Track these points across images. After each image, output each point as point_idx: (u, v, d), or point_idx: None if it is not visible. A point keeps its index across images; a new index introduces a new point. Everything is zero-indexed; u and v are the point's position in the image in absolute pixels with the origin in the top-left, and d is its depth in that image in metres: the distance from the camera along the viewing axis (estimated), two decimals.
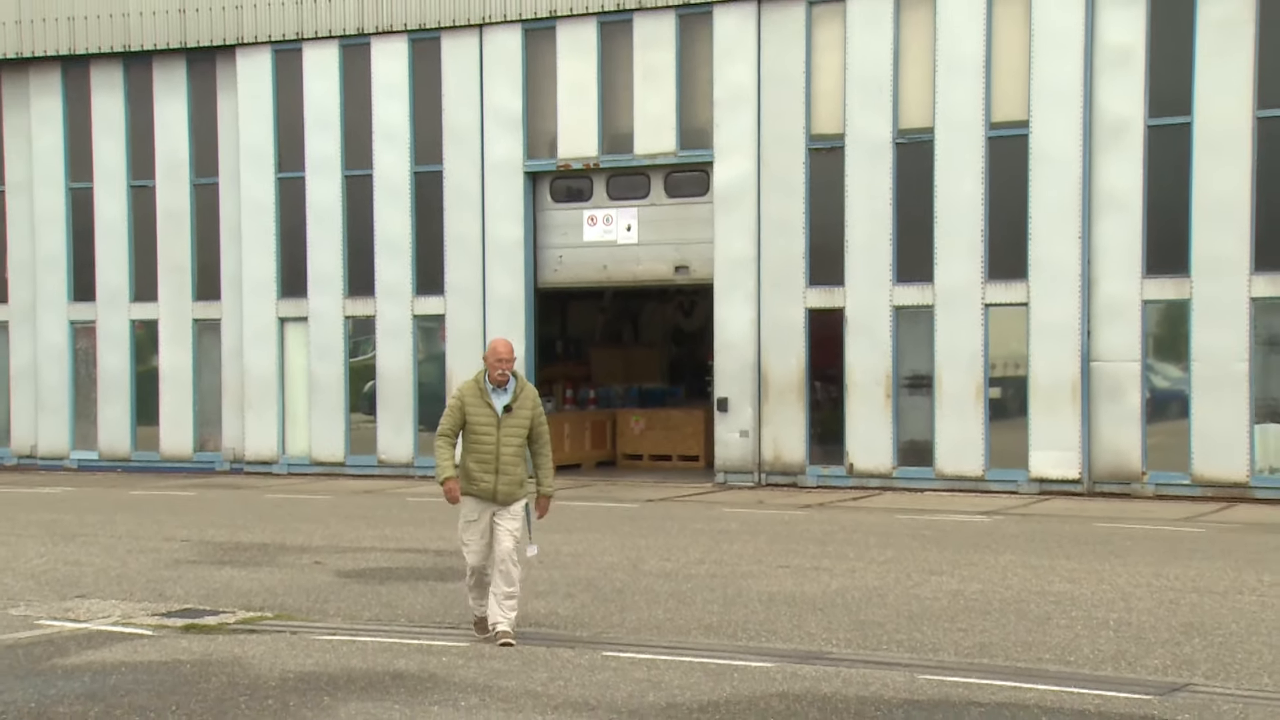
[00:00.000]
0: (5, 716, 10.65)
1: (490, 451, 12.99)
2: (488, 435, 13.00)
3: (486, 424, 13.01)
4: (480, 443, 13.03)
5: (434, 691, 11.26)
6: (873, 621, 14.35)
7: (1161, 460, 26.97)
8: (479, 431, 13.03)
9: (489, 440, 13.00)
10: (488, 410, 13.05)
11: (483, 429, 13.01)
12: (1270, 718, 10.45)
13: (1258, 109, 26.18)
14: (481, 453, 13.02)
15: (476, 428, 13.04)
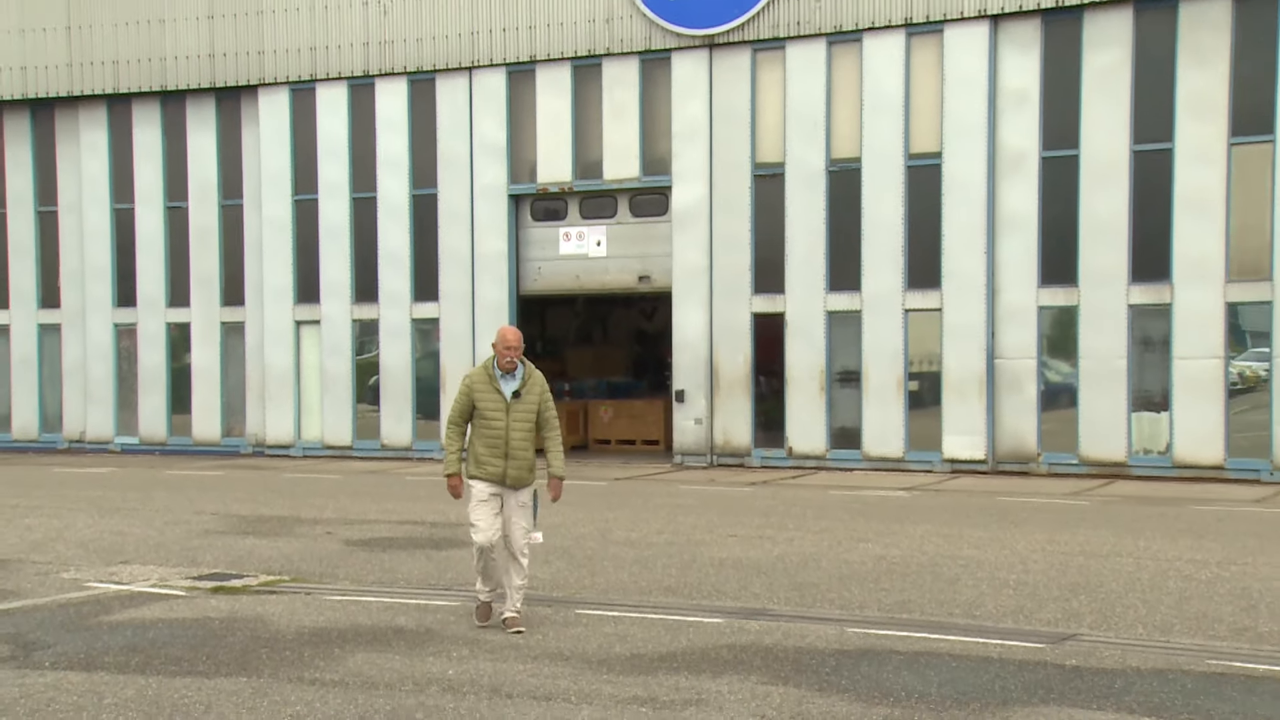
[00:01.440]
0: (59, 665, 10.74)
1: (499, 436, 11.93)
2: (497, 420, 11.92)
3: (496, 409, 11.94)
4: (490, 427, 11.95)
5: (430, 644, 11.38)
6: (808, 583, 14.46)
7: (1054, 443, 27.12)
8: (488, 417, 11.94)
9: (498, 425, 11.92)
10: (496, 396, 11.97)
11: (492, 414, 11.93)
12: (1144, 661, 10.64)
13: (1134, 143, 26.29)
14: (491, 437, 11.95)
15: (486, 413, 11.96)
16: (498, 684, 9.94)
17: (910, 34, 27.75)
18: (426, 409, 32.26)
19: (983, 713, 9.07)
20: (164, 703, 9.49)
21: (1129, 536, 18.11)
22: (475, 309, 31.64)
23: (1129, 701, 9.39)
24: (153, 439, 35.19)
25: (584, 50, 30.31)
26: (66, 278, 35.94)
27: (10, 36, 35.26)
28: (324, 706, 9.30)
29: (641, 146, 30.23)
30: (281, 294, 33.64)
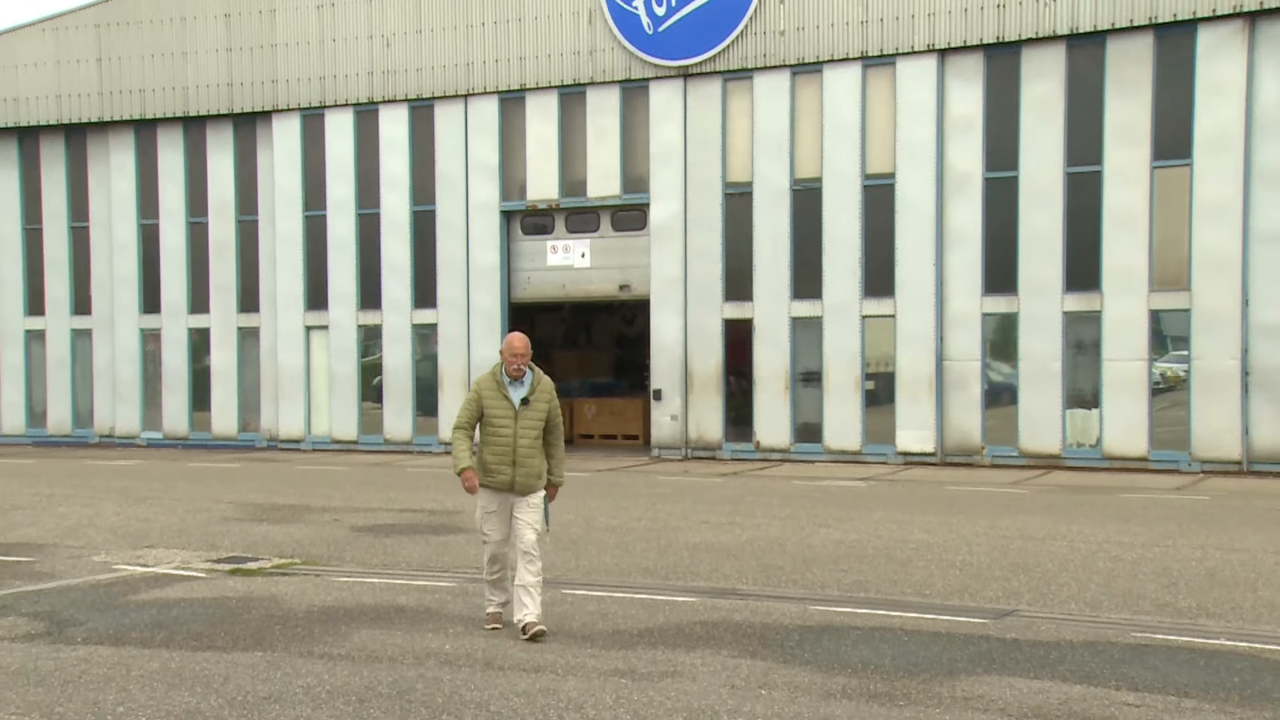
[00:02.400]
0: (90, 640, 10.74)
1: (508, 443, 10.77)
2: (505, 427, 10.79)
3: (504, 416, 10.81)
4: (498, 434, 10.81)
5: (429, 622, 11.39)
6: (774, 565, 14.49)
7: (996, 437, 27.19)
8: (496, 424, 10.83)
9: (506, 432, 10.78)
10: (505, 403, 10.84)
11: (500, 421, 10.80)
12: (1076, 634, 10.71)
13: (1067, 166, 26.40)
14: (499, 445, 10.79)
15: (494, 420, 10.84)
16: (490, 657, 9.96)
17: (866, 66, 27.82)
18: (425, 406, 32.29)
19: (931, 682, 9.11)
20: (186, 675, 9.49)
21: (1063, 522, 18.20)
22: (470, 315, 31.65)
23: (1063, 670, 9.44)
24: (175, 434, 35.11)
25: (569, 79, 30.35)
26: (97, 287, 35.88)
27: (46, 68, 35.26)
28: (332, 678, 9.31)
29: (622, 167, 30.25)
30: (293, 301, 33.60)
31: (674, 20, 29.11)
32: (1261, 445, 25.29)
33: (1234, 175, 25.28)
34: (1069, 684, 9.08)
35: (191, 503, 21.32)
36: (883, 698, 8.73)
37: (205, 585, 13.42)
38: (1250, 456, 25.32)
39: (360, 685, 9.09)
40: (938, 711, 8.34)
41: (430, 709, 8.45)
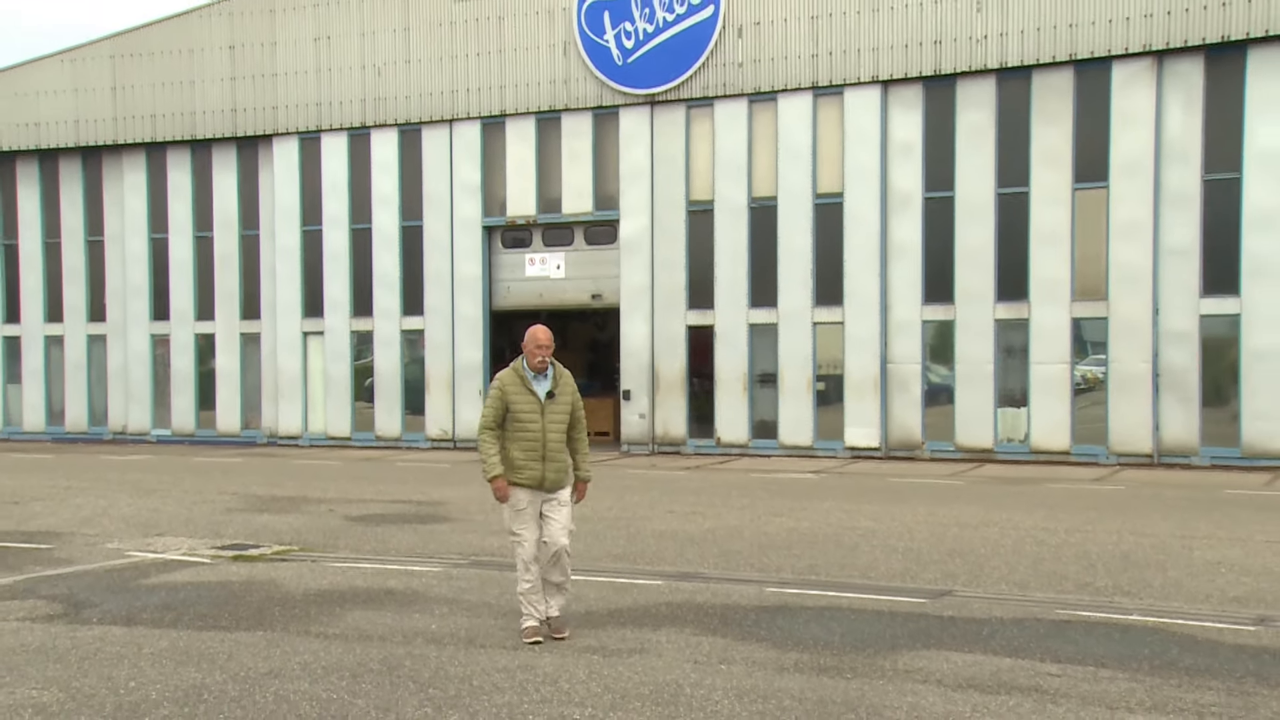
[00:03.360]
0: (105, 621, 10.71)
1: (536, 439, 9.74)
2: (533, 423, 9.76)
3: (530, 411, 9.77)
4: (526, 430, 9.76)
5: (416, 604, 11.37)
6: (733, 551, 14.50)
7: (935, 433, 27.30)
8: (523, 419, 9.77)
9: (534, 427, 9.76)
10: (531, 397, 9.80)
11: (527, 416, 9.76)
12: (1006, 611, 10.76)
13: (998, 187, 26.52)
14: (528, 441, 9.75)
15: (521, 415, 9.77)
16: (473, 636, 9.96)
17: (817, 95, 27.90)
18: (413, 406, 32.24)
19: (876, 657, 9.14)
20: (193, 652, 9.48)
21: (995, 510, 18.28)
22: (455, 322, 31.60)
23: (994, 645, 9.50)
24: (183, 431, 34.97)
25: (546, 106, 30.34)
26: (111, 296, 35.74)
27: (65, 96, 35.18)
28: (327, 655, 9.31)
29: (594, 186, 30.24)
30: (291, 309, 33.51)
31: (642, 52, 29.15)
32: (1170, 440, 25.45)
33: (1145, 197, 25.44)
34: (999, 657, 9.14)
35: (198, 494, 21.24)
36: (832, 671, 8.77)
37: (210, 570, 13.39)
38: (1160, 450, 25.47)
39: (353, 662, 9.09)
40: (882, 683, 8.38)
41: (417, 683, 8.46)
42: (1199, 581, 12.38)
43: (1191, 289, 25.31)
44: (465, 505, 19.15)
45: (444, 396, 31.79)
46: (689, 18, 28.73)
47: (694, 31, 28.69)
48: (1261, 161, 24.77)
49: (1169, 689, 8.31)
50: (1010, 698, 8.03)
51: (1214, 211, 25.19)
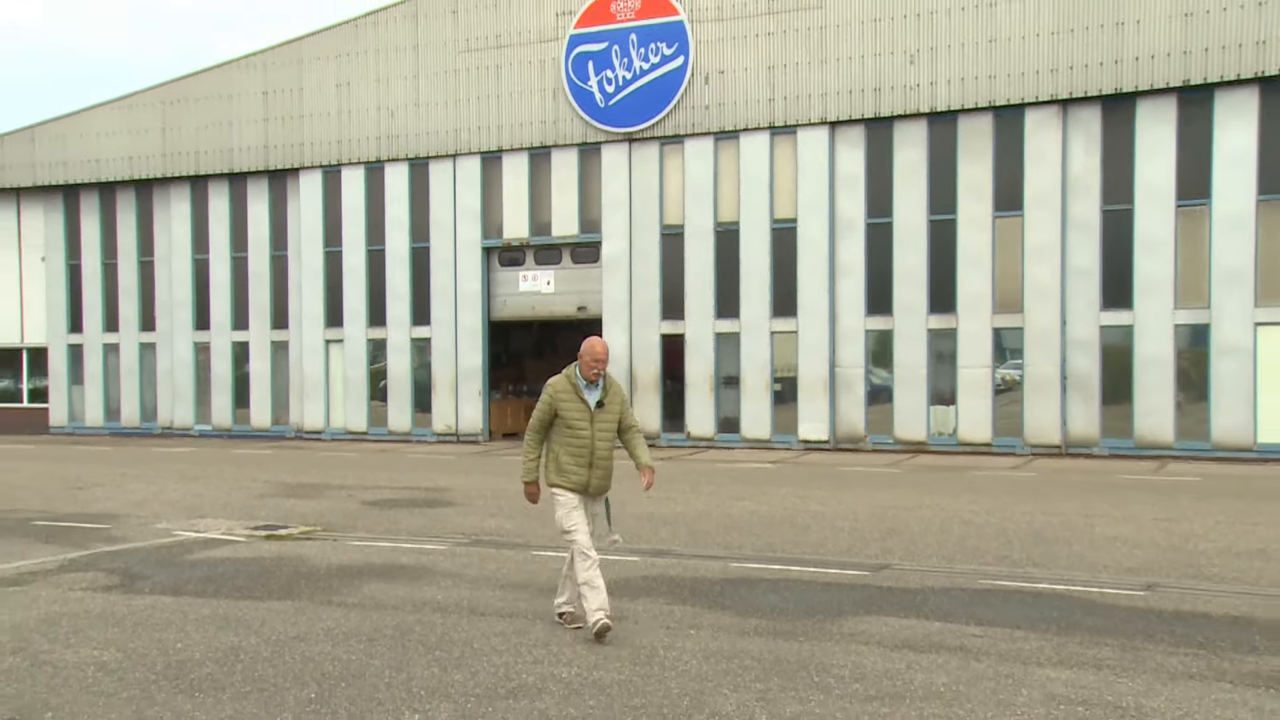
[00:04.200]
0: (155, 591, 10.70)
1: (585, 445, 9.01)
2: (583, 430, 9.01)
3: (580, 418, 9.01)
4: (576, 436, 9.02)
5: (425, 577, 11.38)
6: (701, 531, 14.53)
7: (876, 428, 27.38)
8: (574, 426, 9.02)
9: (584, 434, 9.02)
10: (581, 405, 9.03)
11: (577, 423, 9.01)
12: (936, 582, 10.81)
13: (930, 215, 26.63)
14: (577, 447, 9.03)
15: (571, 422, 9.02)
16: (474, 605, 9.97)
17: (773, 134, 27.97)
18: (421, 404, 32.21)
19: (825, 622, 9.18)
20: (231, 619, 9.48)
21: (927, 494, 18.36)
22: (458, 331, 31.57)
23: (926, 611, 9.56)
24: (221, 426, 34.85)
25: (537, 142, 30.35)
26: (159, 309, 35.67)
27: (120, 136, 35.21)
28: (346, 622, 9.32)
29: (579, 212, 30.25)
30: (315, 320, 33.44)
31: (621, 96, 29.19)
32: (1075, 433, 25.60)
33: (1054, 224, 25.59)
34: (930, 621, 9.20)
35: (234, 482, 21.20)
36: (786, 634, 8.81)
37: (245, 548, 13.38)
38: (1067, 441, 25.62)
39: (370, 627, 9.10)
40: (829, 645, 8.42)
41: (426, 646, 8.48)
42: (1098, 554, 12.49)
43: (1093, 303, 25.47)
44: (467, 492, 19.17)
45: (448, 396, 31.77)
46: (662, 66, 28.79)
47: (667, 79, 28.76)
48: (1149, 195, 24.97)
49: (1073, 646, 8.39)
50: (939, 656, 8.10)
51: (1111, 237, 25.37)
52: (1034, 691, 7.22)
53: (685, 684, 7.43)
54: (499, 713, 6.83)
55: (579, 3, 29.62)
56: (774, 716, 6.73)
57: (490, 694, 7.23)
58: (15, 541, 14.12)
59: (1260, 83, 24.05)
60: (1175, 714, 6.84)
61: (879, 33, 26.81)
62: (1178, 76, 24.43)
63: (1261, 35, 23.77)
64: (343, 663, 8.02)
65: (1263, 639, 8.71)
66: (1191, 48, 24.30)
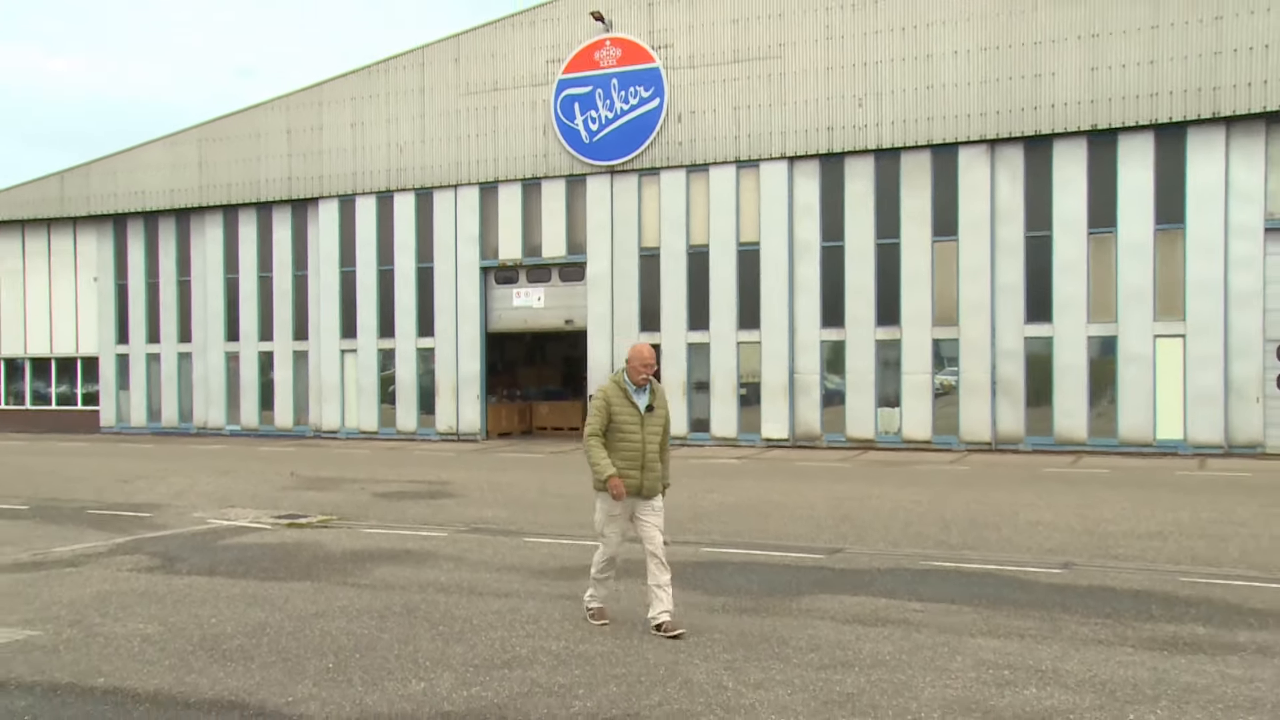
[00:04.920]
0: (192, 572, 10.69)
1: (637, 449, 8.24)
2: (634, 434, 8.26)
3: (632, 422, 8.27)
4: (627, 440, 8.25)
5: (429, 560, 11.38)
6: (674, 519, 14.20)
7: (831, 427, 27.43)
8: (625, 430, 8.26)
9: (635, 438, 8.25)
10: (632, 409, 8.28)
11: (629, 427, 8.26)
12: (883, 564, 10.85)
13: (877, 239, 26.73)
14: (628, 450, 8.24)
15: (623, 426, 8.26)
16: (473, 586, 9.98)
17: (739, 167, 28.06)
18: (426, 407, 32.13)
19: (785, 600, 9.22)
20: (258, 596, 9.49)
21: (875, 486, 18.43)
22: (458, 342, 31.52)
23: (874, 589, 9.61)
24: (249, 427, 34.71)
25: (529, 174, 30.37)
26: (195, 323, 35.57)
27: (163, 170, 35.27)
28: (359, 600, 9.33)
29: (567, 236, 30.25)
30: (331, 332, 33.33)
31: (604, 134, 29.23)
32: (1004, 431, 25.74)
33: (984, 248, 25.75)
34: (877, 598, 9.25)
35: (261, 476, 21.15)
36: (751, 611, 8.86)
37: (271, 534, 13.37)
38: (997, 439, 25.76)
39: (380, 605, 9.11)
40: (789, 620, 8.48)
41: (430, 622, 8.50)
42: (1023, 537, 12.59)
43: (1018, 318, 25.63)
44: (467, 485, 19.15)
45: (450, 400, 31.72)
46: (640, 107, 28.86)
47: (644, 118, 28.82)
48: (1064, 224, 25.22)
49: (1000, 618, 8.47)
50: (885, 629, 8.16)
51: (1033, 260, 25.54)
52: (966, 658, 7.29)
53: (661, 655, 7.47)
54: (495, 681, 6.86)
55: (566, 51, 29.70)
56: (740, 683, 6.77)
57: (487, 664, 7.25)
58: (71, 528, 14.16)
59: (1155, 129, 24.42)
60: (1086, 675, 6.93)
61: (831, 80, 26.96)
62: (1087, 122, 24.71)
63: (1154, 90, 24.13)
64: (356, 636, 8.04)
65: (1159, 609, 8.84)
66: (1098, 98, 24.60)
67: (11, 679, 7.07)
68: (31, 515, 15.45)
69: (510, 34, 30.56)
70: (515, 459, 25.20)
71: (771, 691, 6.59)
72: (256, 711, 6.35)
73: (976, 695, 6.47)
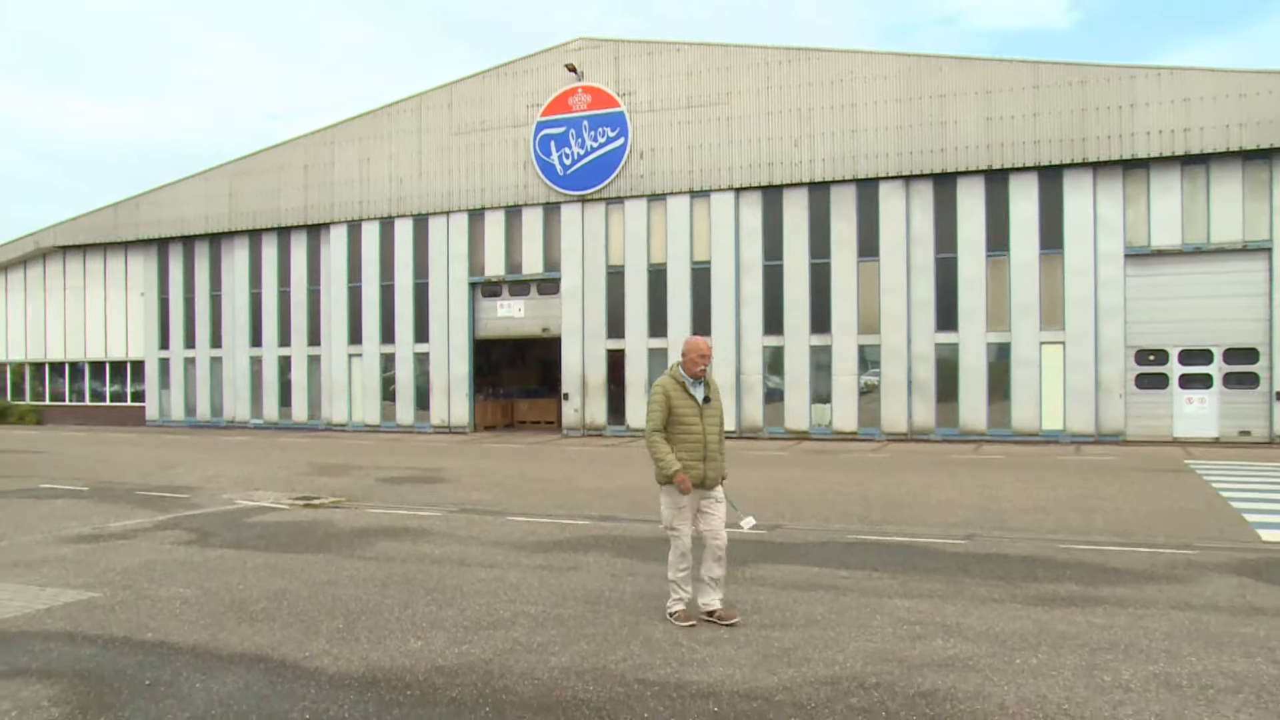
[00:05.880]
0: (223, 545, 10.58)
1: (698, 440, 7.23)
2: (694, 425, 7.25)
3: (692, 414, 7.26)
4: (688, 432, 7.23)
5: (425, 536, 11.31)
6: (638, 501, 14.41)
7: (772, 420, 27.52)
8: (686, 422, 7.25)
9: (696, 430, 7.25)
10: (691, 401, 7.29)
11: (689, 419, 7.25)
12: (816, 538, 10.84)
13: (811, 259, 26.88)
14: (690, 442, 7.22)
15: (684, 419, 7.25)
16: (462, 558, 9.93)
17: (692, 197, 28.14)
18: (421, 404, 31.94)
19: (732, 569, 9.07)
20: (279, 566, 9.42)
21: (809, 471, 18.48)
22: (449, 347, 31.37)
23: (808, 559, 9.63)
24: (270, 421, 34.36)
25: (511, 202, 30.29)
26: (225, 331, 35.24)
27: (199, 201, 35.13)
28: (365, 569, 9.27)
29: (543, 256, 30.17)
30: (340, 339, 33.07)
31: (576, 167, 29.23)
32: (918, 423, 25.96)
33: (901, 267, 25.98)
34: (811, 567, 9.27)
35: (280, 463, 20.95)
36: None
37: (289, 513, 13.25)
38: (912, 430, 25.98)
39: (382, 575, 9.07)
40: (736, 587, 8.45)
41: (426, 589, 8.46)
42: (933, 513, 12.68)
43: (930, 327, 25.87)
44: (457, 471, 19.05)
45: (442, 397, 31.59)
46: (607, 145, 28.87)
47: (611, 154, 28.83)
48: (967, 247, 25.51)
49: (914, 582, 8.54)
50: (816, 593, 8.20)
51: (941, 278, 25.80)
52: (885, 617, 7.36)
53: (625, 617, 7.47)
54: (482, 640, 6.85)
55: (544, 97, 29.67)
56: (693, 641, 6.80)
57: (475, 625, 7.24)
58: (123, 506, 14.09)
59: (1038, 170, 24.90)
60: (983, 628, 7.02)
61: (771, 123, 27.10)
62: (984, 163, 25.06)
63: (1037, 138, 24.58)
64: (362, 601, 8.00)
65: (1042, 571, 8.96)
66: (992, 143, 24.97)
67: (79, 632, 7.19)
68: (90, 496, 15.37)
69: (496, 83, 30.50)
70: (499, 449, 25.12)
71: (720, 648, 6.62)
72: (279, 664, 6.34)
73: (893, 647, 6.55)
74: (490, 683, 5.93)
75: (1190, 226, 23.98)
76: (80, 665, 6.38)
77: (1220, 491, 14.60)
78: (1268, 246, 23.40)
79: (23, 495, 15.52)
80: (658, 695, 5.69)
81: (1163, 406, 24.29)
